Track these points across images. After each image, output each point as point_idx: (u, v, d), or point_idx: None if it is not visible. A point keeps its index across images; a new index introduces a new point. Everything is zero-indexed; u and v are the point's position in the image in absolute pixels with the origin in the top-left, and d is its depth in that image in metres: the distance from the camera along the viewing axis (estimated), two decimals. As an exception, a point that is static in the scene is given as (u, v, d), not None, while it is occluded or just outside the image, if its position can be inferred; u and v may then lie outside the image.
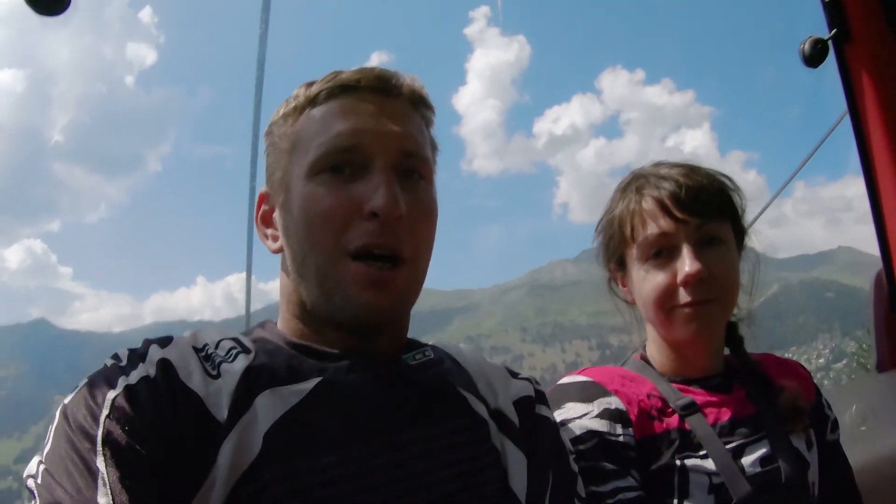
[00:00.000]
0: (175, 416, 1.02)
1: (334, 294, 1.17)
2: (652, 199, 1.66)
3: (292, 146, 1.26)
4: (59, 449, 0.98)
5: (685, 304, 1.62)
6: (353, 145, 1.19)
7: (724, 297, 1.65)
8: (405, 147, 1.23)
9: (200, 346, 1.17)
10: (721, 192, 1.69)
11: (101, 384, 1.04)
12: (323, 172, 1.19)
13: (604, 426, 1.57)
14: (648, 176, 1.71)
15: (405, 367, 1.28)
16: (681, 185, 1.64)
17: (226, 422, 1.04)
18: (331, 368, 1.18)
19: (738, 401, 1.70)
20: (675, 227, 1.62)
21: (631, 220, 1.69)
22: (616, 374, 1.72)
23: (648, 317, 1.74)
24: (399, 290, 1.20)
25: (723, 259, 1.64)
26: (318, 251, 1.18)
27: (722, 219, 1.67)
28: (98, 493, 0.92)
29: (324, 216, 1.17)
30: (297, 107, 1.29)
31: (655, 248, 1.65)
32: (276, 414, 1.07)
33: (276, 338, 1.25)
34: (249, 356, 1.16)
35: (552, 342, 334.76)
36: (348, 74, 1.28)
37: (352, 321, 1.19)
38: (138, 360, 1.08)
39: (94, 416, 0.99)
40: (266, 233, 1.34)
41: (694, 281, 1.60)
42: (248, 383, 1.10)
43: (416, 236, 1.22)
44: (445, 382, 1.28)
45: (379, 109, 1.24)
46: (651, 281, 1.66)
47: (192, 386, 1.06)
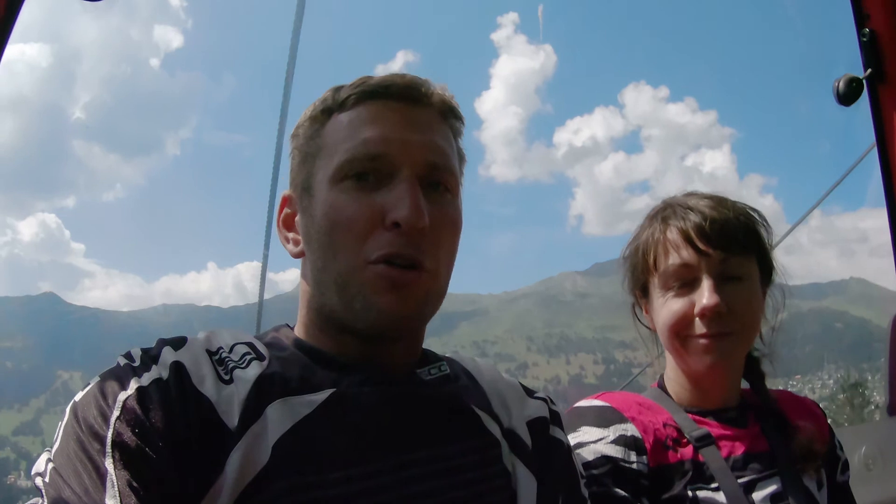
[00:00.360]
0: (186, 421, 1.01)
1: (354, 300, 1.16)
2: (677, 229, 1.67)
3: (318, 150, 1.24)
4: (68, 448, 0.98)
5: (701, 335, 1.63)
6: (379, 153, 1.18)
7: (742, 331, 1.65)
8: (432, 158, 1.21)
9: (214, 349, 1.16)
10: (747, 227, 1.69)
11: (112, 384, 1.04)
12: (347, 179, 1.18)
13: (618, 452, 1.58)
14: (676, 206, 1.72)
15: (420, 382, 1.27)
16: (706, 217, 1.64)
17: (236, 429, 1.03)
18: (344, 380, 1.16)
19: (752, 436, 1.70)
20: (697, 258, 1.63)
21: (654, 250, 1.71)
22: (633, 400, 1.72)
23: (665, 345, 1.75)
24: (419, 295, 1.19)
25: (743, 294, 1.64)
26: (340, 258, 1.16)
27: (746, 254, 1.67)
28: (106, 495, 0.92)
29: (346, 224, 1.16)
30: (324, 110, 1.27)
31: (676, 279, 1.66)
32: (286, 425, 1.07)
33: (292, 343, 1.25)
34: (263, 363, 1.15)
35: (557, 353, 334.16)
36: (378, 80, 1.26)
37: (371, 327, 1.17)
38: (151, 362, 1.08)
39: (104, 417, 0.99)
40: (287, 236, 1.33)
41: (710, 314, 1.60)
42: (259, 392, 1.09)
43: (439, 248, 1.21)
44: (459, 400, 1.27)
45: (407, 118, 1.23)
46: (669, 309, 1.67)
47: (203, 391, 1.06)
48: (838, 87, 2.58)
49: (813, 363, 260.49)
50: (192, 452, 1.00)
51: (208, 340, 1.19)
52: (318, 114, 1.28)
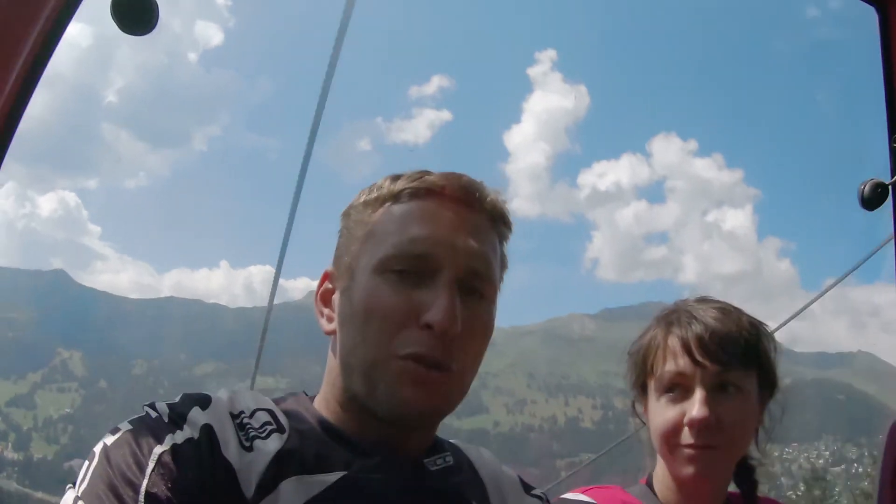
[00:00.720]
0: (213, 485, 1.05)
1: (378, 386, 1.19)
2: (677, 337, 1.69)
3: (366, 236, 1.27)
4: (101, 490, 1.02)
5: (688, 445, 1.63)
6: (424, 253, 1.21)
7: (729, 446, 1.66)
8: (474, 265, 1.24)
9: (237, 412, 1.21)
10: (748, 342, 1.70)
11: (147, 435, 1.08)
12: (390, 272, 1.20)
13: None
14: (682, 312, 1.74)
15: (427, 473, 1.28)
16: (708, 328, 1.65)
17: (251, 500, 1.06)
18: (356, 464, 1.19)
19: None
20: (692, 368, 1.64)
21: (654, 354, 1.73)
22: (618, 498, 1.76)
23: (656, 448, 1.77)
24: (443, 393, 1.22)
25: (735, 408, 1.65)
26: (370, 346, 1.19)
27: (745, 367, 1.68)
28: None
29: (382, 314, 1.19)
30: (378, 198, 1.30)
31: (671, 385, 1.68)
32: (296, 502, 1.10)
33: (311, 417, 1.28)
34: (283, 437, 1.19)
35: (557, 393, 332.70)
36: (435, 178, 1.29)
37: (391, 415, 1.20)
38: (181, 420, 1.12)
39: (139, 466, 1.02)
40: (322, 311, 1.36)
41: (698, 426, 1.61)
42: (277, 467, 1.13)
43: (467, 352, 1.24)
44: (461, 495, 1.29)
45: (457, 220, 1.25)
46: (661, 415, 1.69)
47: (228, 457, 1.10)
48: (863, 190, 2.52)
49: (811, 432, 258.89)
50: None
51: (231, 403, 1.22)
52: (373, 200, 1.32)
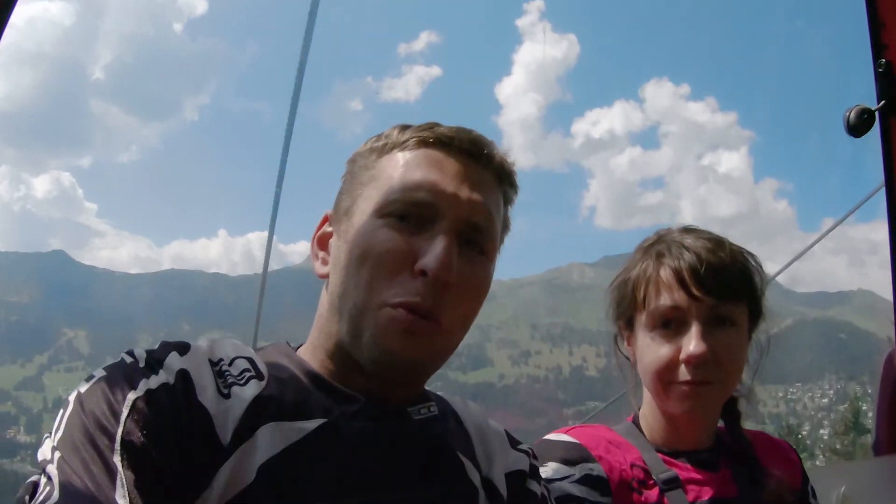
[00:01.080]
0: (189, 430, 1.03)
1: (364, 334, 1.17)
2: (670, 268, 1.63)
3: (369, 180, 1.26)
4: (75, 438, 0.99)
5: (683, 382, 1.59)
6: (426, 200, 1.19)
7: (725, 379, 1.62)
8: (475, 219, 1.22)
9: (216, 360, 1.18)
10: (742, 273, 1.66)
11: (121, 381, 1.05)
12: (390, 217, 1.18)
13: (583, 492, 1.56)
14: (671, 243, 1.68)
15: (409, 421, 1.26)
16: (702, 260, 1.60)
17: (228, 446, 1.05)
18: (336, 410, 1.17)
19: (722, 481, 1.67)
20: (687, 302, 1.59)
21: (646, 287, 1.67)
22: (603, 437, 1.70)
23: (647, 385, 1.72)
24: (429, 346, 1.19)
25: (730, 342, 1.61)
26: (361, 291, 1.17)
27: (738, 300, 1.64)
28: (117, 493, 0.92)
29: (376, 258, 1.17)
30: (385, 145, 1.29)
31: (665, 320, 1.63)
32: (274, 449, 1.08)
33: (292, 364, 1.25)
34: (261, 383, 1.16)
35: (560, 343, 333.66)
36: (444, 130, 1.27)
37: (373, 364, 1.18)
38: (157, 365, 1.09)
39: (114, 413, 1.00)
40: (318, 254, 1.34)
41: (696, 361, 1.57)
42: (254, 413, 1.10)
43: (460, 308, 1.21)
44: (444, 444, 1.27)
45: (464, 172, 1.24)
46: (654, 352, 1.64)
47: (204, 402, 1.07)
48: (849, 117, 2.53)
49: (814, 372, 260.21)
50: (189, 461, 1.01)
51: (211, 350, 1.20)
52: (379, 147, 1.29)
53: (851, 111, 2.51)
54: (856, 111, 2.50)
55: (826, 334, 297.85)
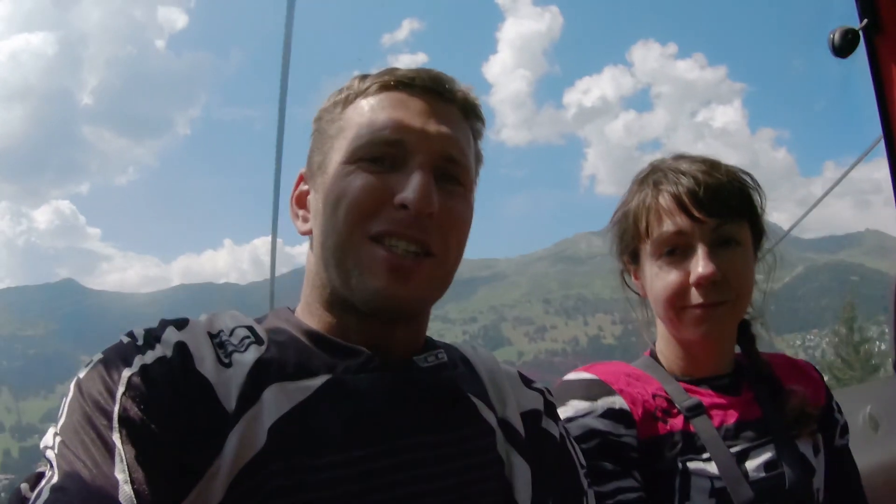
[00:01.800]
0: (188, 401, 1.03)
1: (352, 275, 1.16)
2: (669, 195, 1.62)
3: (337, 132, 1.25)
4: (75, 422, 0.99)
5: (696, 306, 1.59)
6: (396, 139, 1.18)
7: (737, 299, 1.61)
8: (448, 151, 1.21)
9: (215, 332, 1.18)
10: (741, 192, 1.65)
11: (116, 361, 1.05)
12: (362, 161, 1.18)
13: (607, 426, 1.55)
14: (667, 170, 1.66)
15: (416, 369, 1.26)
16: (700, 182, 1.59)
17: (233, 413, 1.04)
18: (340, 366, 1.17)
19: (745, 403, 1.67)
20: (691, 225, 1.58)
21: (647, 216, 1.65)
22: (622, 371, 1.69)
23: (659, 314, 1.71)
24: (420, 282, 1.18)
25: (737, 261, 1.60)
26: (341, 231, 1.17)
27: (740, 219, 1.63)
28: (115, 469, 0.93)
29: (353, 200, 1.16)
30: (348, 96, 1.28)
31: (670, 246, 1.62)
32: (281, 409, 1.07)
33: (291, 326, 1.25)
34: (261, 348, 1.16)
35: (575, 315, 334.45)
36: (404, 71, 1.27)
37: (367, 305, 1.17)
38: (154, 341, 1.09)
39: (110, 392, 1.00)
40: (297, 213, 1.34)
41: (706, 283, 1.56)
42: (257, 376, 1.10)
43: (446, 237, 1.20)
44: (455, 388, 1.27)
45: (429, 109, 1.23)
46: (663, 279, 1.63)
47: (204, 372, 1.07)
48: (833, 39, 2.51)
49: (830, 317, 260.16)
50: (194, 432, 1.01)
51: (210, 323, 1.20)
52: (342, 99, 1.29)
53: (835, 32, 2.49)
54: (839, 32, 2.48)
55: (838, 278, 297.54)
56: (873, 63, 2.64)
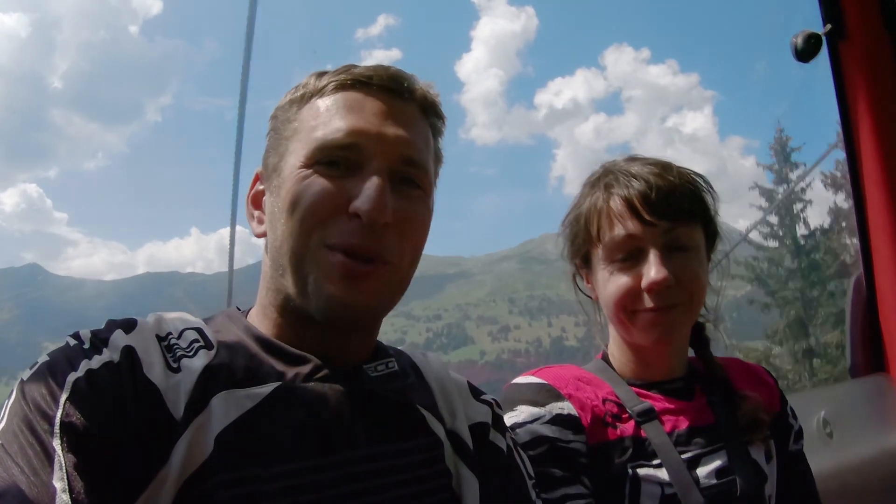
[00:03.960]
0: (135, 408, 1.00)
1: (308, 280, 1.15)
2: (620, 198, 1.59)
3: (293, 133, 1.22)
4: (15, 426, 0.97)
5: (648, 310, 1.57)
6: (351, 143, 1.16)
7: (689, 301, 1.59)
8: (405, 153, 1.19)
9: (164, 334, 1.15)
10: (693, 195, 1.62)
11: (62, 364, 1.02)
12: (317, 164, 1.16)
13: (555, 432, 1.53)
14: (618, 173, 1.64)
15: (366, 379, 1.24)
16: (651, 185, 1.57)
17: (181, 420, 1.02)
18: (290, 374, 1.15)
19: (698, 409, 1.65)
20: (642, 229, 1.56)
21: (598, 220, 1.63)
22: (572, 376, 1.66)
23: (611, 318, 1.69)
24: (375, 289, 1.17)
25: (690, 264, 1.58)
26: (297, 237, 1.15)
27: (692, 222, 1.60)
28: (53, 477, 0.91)
29: (309, 207, 1.14)
30: (304, 95, 1.25)
31: (621, 251, 1.59)
32: (229, 417, 1.05)
33: (242, 330, 1.23)
34: (210, 353, 1.14)
35: (539, 316, 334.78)
36: (361, 70, 1.24)
37: (322, 313, 1.16)
38: (101, 345, 1.07)
39: (53, 397, 0.98)
40: (253, 213, 1.31)
41: (659, 288, 1.54)
42: (205, 383, 1.09)
43: (403, 241, 1.19)
44: (405, 399, 1.26)
45: (386, 110, 1.21)
46: (615, 283, 1.60)
47: (152, 378, 1.05)
48: (796, 43, 2.54)
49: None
50: (140, 440, 0.98)
51: (158, 325, 1.17)
52: (298, 98, 1.26)
53: (798, 36, 2.51)
54: (802, 36, 2.49)
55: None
56: (836, 68, 2.65)
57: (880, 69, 2.53)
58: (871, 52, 2.51)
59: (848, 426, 2.41)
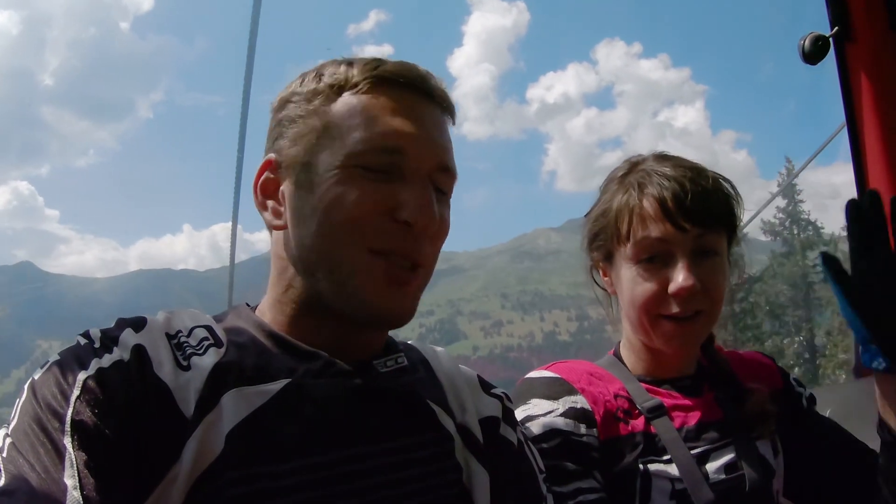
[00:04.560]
0: (145, 406, 1.01)
1: (346, 284, 1.14)
2: (655, 199, 1.58)
3: (324, 127, 1.19)
4: (26, 425, 0.98)
5: (672, 316, 1.57)
6: (398, 148, 1.15)
7: (712, 308, 1.59)
8: (445, 161, 1.21)
9: (173, 332, 1.15)
10: (725, 202, 1.62)
11: (72, 363, 1.03)
12: (360, 167, 1.14)
13: (568, 425, 1.53)
14: (652, 172, 1.62)
15: (375, 374, 1.24)
16: (686, 190, 1.56)
17: (192, 418, 1.03)
18: (300, 370, 1.15)
19: (706, 405, 1.66)
20: (674, 233, 1.55)
21: (629, 218, 1.61)
22: (584, 370, 1.67)
23: (631, 319, 1.67)
24: (414, 294, 1.20)
25: (716, 272, 1.58)
26: (337, 240, 1.14)
27: (721, 229, 1.60)
28: (65, 474, 0.91)
29: (353, 215, 1.14)
30: (332, 85, 1.22)
31: (650, 253, 1.59)
32: (239, 415, 1.06)
33: (252, 326, 1.23)
34: (220, 350, 1.13)
35: (531, 310, 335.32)
36: (393, 66, 1.22)
37: (362, 317, 1.17)
38: (111, 343, 1.08)
39: (64, 395, 0.98)
40: (267, 204, 1.26)
41: (685, 294, 1.54)
42: (215, 381, 1.09)
43: (433, 249, 1.21)
44: (415, 394, 1.26)
45: (423, 114, 1.21)
46: (641, 286, 1.60)
47: (162, 377, 1.05)
48: (804, 45, 2.54)
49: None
50: (150, 438, 0.99)
51: (168, 323, 1.17)
52: (326, 88, 1.22)
53: (806, 39, 2.51)
54: (810, 38, 2.50)
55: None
56: (842, 70, 2.66)
57: (887, 71, 2.54)
58: (878, 54, 2.51)
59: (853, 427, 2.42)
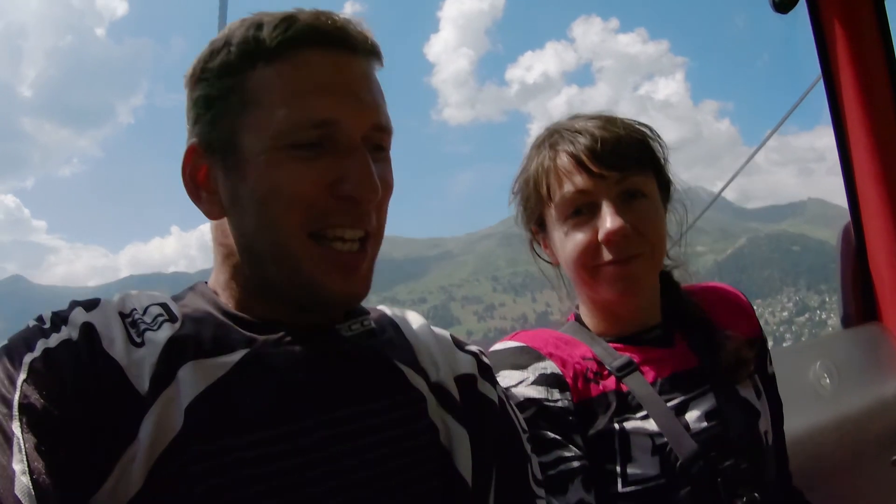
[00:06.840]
0: (95, 385, 0.98)
1: (294, 275, 1.11)
2: (567, 154, 1.56)
3: (243, 105, 1.09)
4: None
5: (609, 262, 1.53)
6: (327, 119, 1.07)
7: (650, 250, 1.56)
8: (378, 121, 1.13)
9: (127, 311, 1.11)
10: (641, 143, 1.59)
11: (20, 346, 1.01)
12: (288, 147, 1.06)
13: (541, 392, 1.50)
14: (563, 130, 1.60)
15: (339, 338, 1.19)
16: (596, 138, 1.53)
17: (147, 394, 0.99)
18: (259, 340, 1.11)
19: (679, 354, 1.62)
20: (592, 183, 1.52)
21: (546, 179, 1.59)
22: (551, 336, 1.64)
23: (573, 277, 1.66)
24: (367, 273, 1.16)
25: (646, 212, 1.55)
26: (280, 229, 1.08)
27: (643, 171, 1.57)
28: (13, 459, 0.89)
29: (290, 193, 1.07)
30: (245, 53, 1.10)
31: (574, 207, 1.56)
32: (198, 388, 1.02)
33: (208, 303, 1.18)
34: (175, 325, 1.09)
35: (523, 292, 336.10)
36: (306, 21, 1.10)
37: (316, 305, 1.14)
38: (60, 323, 1.04)
39: (10, 380, 0.97)
40: (200, 195, 1.18)
41: (616, 238, 1.51)
42: (170, 354, 1.04)
43: (380, 212, 1.17)
44: (380, 356, 1.21)
45: (348, 73, 1.11)
46: (572, 241, 1.57)
47: (113, 354, 1.02)
48: (774, -7, 2.51)
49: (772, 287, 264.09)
50: (103, 417, 0.95)
51: (122, 303, 1.13)
52: (236, 59, 1.11)
53: (775, -12, 2.49)
54: (779, -13, 2.48)
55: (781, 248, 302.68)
56: (815, 19, 2.63)
57: (858, 17, 2.52)
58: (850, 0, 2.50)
59: (843, 377, 2.40)
